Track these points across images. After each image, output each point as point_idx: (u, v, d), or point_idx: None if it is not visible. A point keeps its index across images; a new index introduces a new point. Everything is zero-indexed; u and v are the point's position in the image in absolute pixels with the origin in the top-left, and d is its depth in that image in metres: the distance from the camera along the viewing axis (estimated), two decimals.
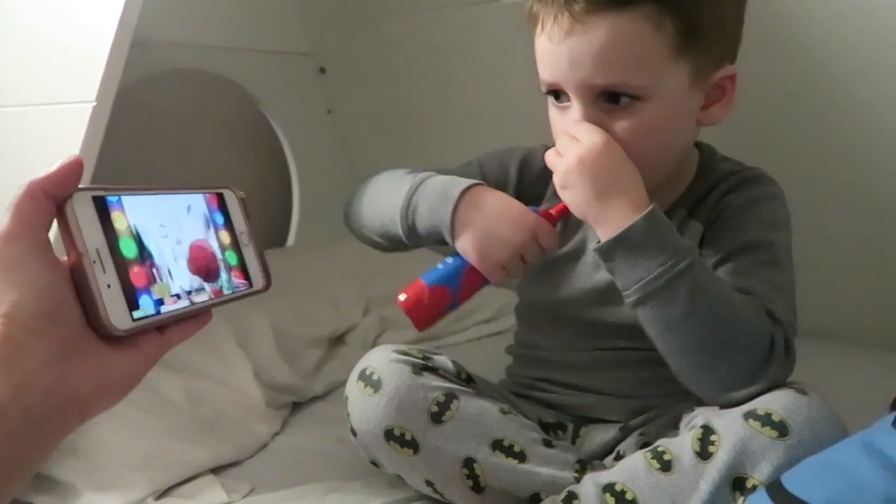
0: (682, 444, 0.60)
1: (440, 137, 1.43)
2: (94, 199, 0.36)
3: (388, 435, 0.67)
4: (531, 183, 0.78)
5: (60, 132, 0.76)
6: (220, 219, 0.44)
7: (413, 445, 0.66)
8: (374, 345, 1.18)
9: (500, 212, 0.67)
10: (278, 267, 1.28)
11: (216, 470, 0.82)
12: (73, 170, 0.36)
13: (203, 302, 0.41)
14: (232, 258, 0.44)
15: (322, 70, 1.51)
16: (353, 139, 1.57)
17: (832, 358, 0.92)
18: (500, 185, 0.75)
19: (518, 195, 0.71)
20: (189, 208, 0.42)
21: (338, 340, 1.16)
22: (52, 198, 0.35)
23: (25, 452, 0.34)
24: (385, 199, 0.73)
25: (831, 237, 1.07)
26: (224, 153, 1.52)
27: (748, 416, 0.58)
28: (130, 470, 0.76)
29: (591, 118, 0.65)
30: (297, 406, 1.00)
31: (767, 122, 1.06)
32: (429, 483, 0.69)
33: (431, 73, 1.37)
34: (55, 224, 0.36)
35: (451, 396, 0.68)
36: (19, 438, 0.33)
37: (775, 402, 0.58)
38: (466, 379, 0.73)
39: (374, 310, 1.22)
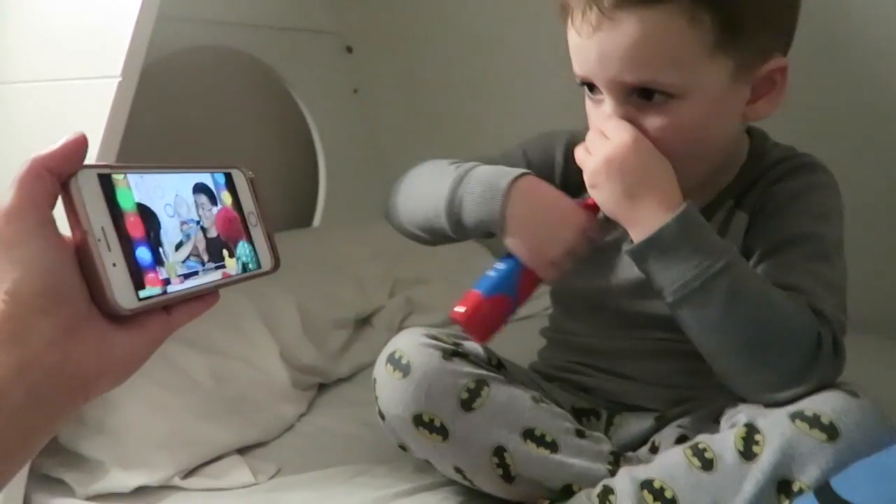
0: (724, 443, 0.58)
1: (467, 117, 1.41)
2: (100, 176, 0.36)
3: (417, 420, 0.65)
4: (574, 171, 0.76)
5: (86, 107, 0.75)
6: (228, 198, 0.44)
7: (442, 432, 0.65)
8: (400, 327, 1.17)
9: (550, 207, 0.65)
10: (304, 247, 1.28)
11: (242, 450, 0.82)
12: (77, 147, 0.35)
13: (210, 282, 0.41)
14: (240, 238, 0.44)
15: (349, 49, 1.49)
16: (379, 119, 1.55)
17: (881, 353, 0.88)
18: (547, 172, 0.73)
19: (565, 180, 0.69)
20: (196, 187, 0.42)
21: (363, 322, 1.15)
22: (55, 175, 0.35)
23: (28, 431, 0.34)
24: (428, 192, 0.71)
25: (882, 228, 1.02)
26: (250, 132, 1.51)
27: (795, 416, 0.55)
28: (157, 448, 0.76)
29: (622, 115, 0.62)
30: (322, 388, 0.99)
31: (821, 109, 1.01)
32: (458, 470, 0.67)
33: (458, 53, 1.35)
34: (60, 202, 0.36)
35: (481, 383, 0.66)
36: (21, 417, 0.33)
37: (825, 404, 0.55)
38: (497, 365, 0.71)
39: (400, 292, 1.21)
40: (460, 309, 0.64)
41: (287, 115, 1.47)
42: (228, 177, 0.44)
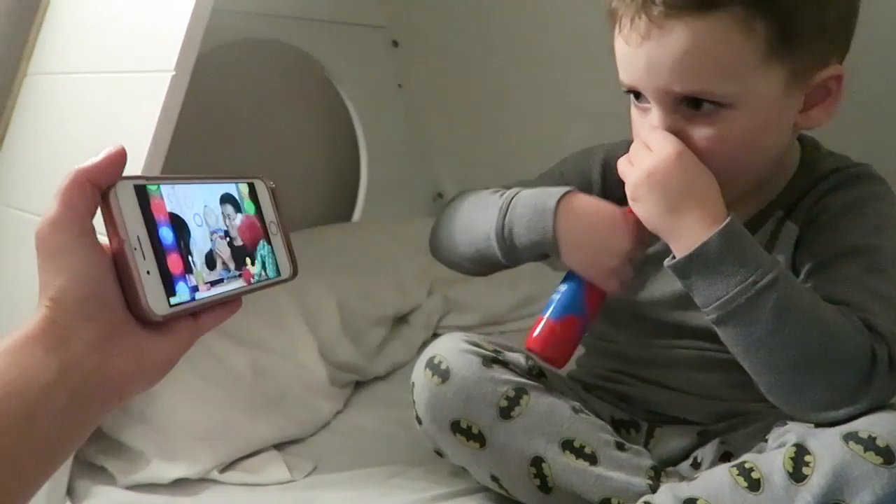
0: (772, 463, 0.56)
1: (510, 114, 1.40)
2: (136, 187, 0.38)
3: (455, 427, 0.65)
4: (616, 182, 0.73)
5: (138, 101, 0.76)
6: (251, 208, 0.45)
7: (480, 439, 0.65)
8: (437, 326, 1.16)
9: (600, 218, 0.65)
10: (345, 242, 1.29)
11: (279, 446, 0.82)
12: (117, 159, 0.37)
13: (234, 289, 0.42)
14: (262, 246, 0.45)
15: (395, 43, 1.48)
16: (422, 114, 1.54)
17: None
18: (585, 191, 0.72)
19: (604, 197, 0.68)
20: (222, 197, 0.44)
21: (401, 320, 1.15)
22: (96, 186, 0.36)
23: (68, 432, 0.35)
24: (475, 223, 0.71)
25: None
26: (293, 125, 1.52)
27: (848, 437, 0.53)
28: (197, 441, 0.77)
29: (669, 124, 0.60)
30: (358, 385, 1.00)
31: (876, 117, 0.97)
32: (494, 478, 0.67)
33: (504, 51, 1.33)
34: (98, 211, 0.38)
35: (520, 391, 0.66)
36: (63, 419, 0.34)
37: (880, 425, 0.53)
38: (537, 374, 0.71)
39: (438, 290, 1.21)
40: (535, 336, 0.64)
41: (331, 108, 1.48)
42: (252, 187, 0.46)
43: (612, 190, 0.72)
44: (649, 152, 0.60)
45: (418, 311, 1.16)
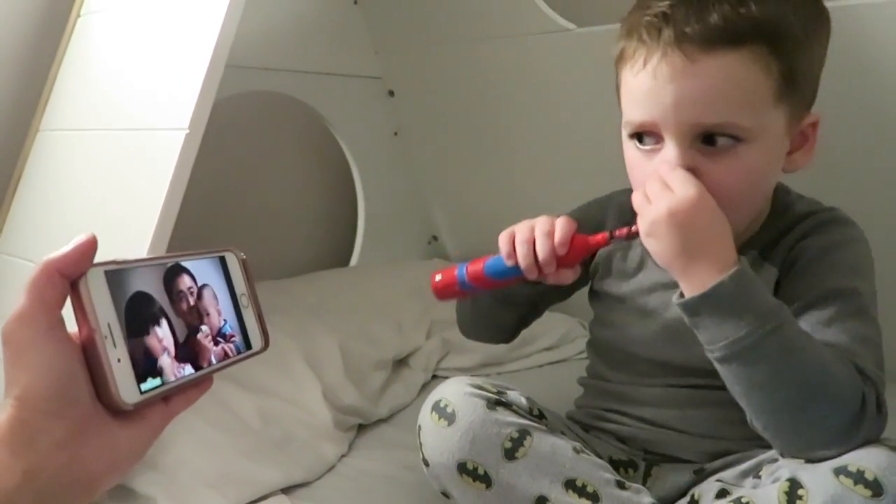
0: (766, 497, 0.58)
1: (503, 161, 1.43)
2: (106, 273, 0.37)
3: (462, 468, 0.67)
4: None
5: (154, 157, 0.78)
6: (222, 282, 0.45)
7: (486, 480, 0.66)
8: (436, 368, 1.18)
9: None
10: (344, 286, 1.31)
11: (286, 490, 0.83)
12: (87, 249, 0.36)
13: (205, 369, 0.42)
14: (233, 321, 0.45)
15: (391, 93, 1.53)
16: (417, 161, 1.58)
17: None
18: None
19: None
20: (192, 275, 0.43)
21: (401, 363, 1.16)
22: (66, 277, 0.36)
23: None
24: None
25: None
26: (293, 172, 1.55)
27: (839, 472, 0.56)
28: (206, 486, 0.78)
29: (686, 160, 0.62)
30: (361, 428, 1.01)
31: (840, 162, 1.02)
32: None
33: (496, 97, 1.37)
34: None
35: (524, 433, 0.67)
36: None
37: (868, 460, 0.56)
38: (538, 415, 0.73)
39: (436, 332, 1.23)
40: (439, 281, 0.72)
41: (329, 155, 1.52)
42: (222, 260, 0.45)
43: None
44: (669, 192, 0.61)
45: (418, 353, 1.18)
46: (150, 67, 0.87)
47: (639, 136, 0.66)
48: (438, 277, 0.71)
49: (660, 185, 0.62)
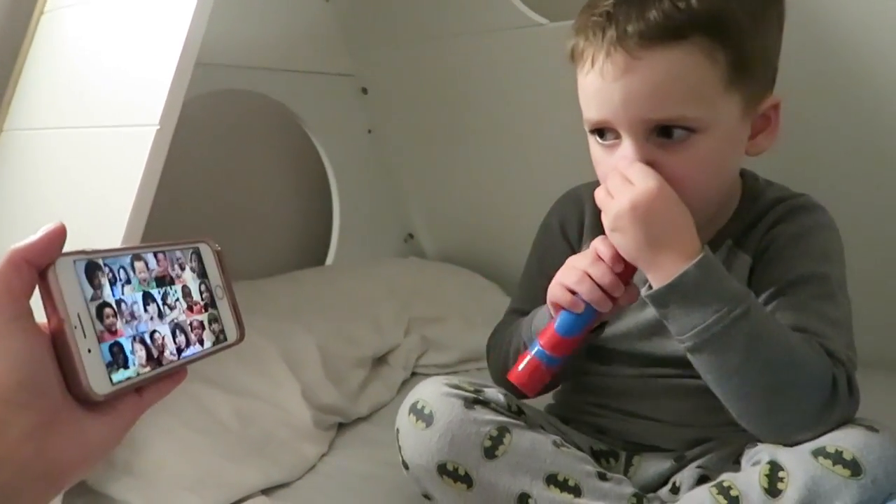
0: (748, 480, 0.59)
1: (477, 158, 1.44)
2: (76, 262, 0.36)
3: (441, 469, 0.66)
4: (594, 226, 0.78)
5: (124, 154, 0.77)
6: (196, 273, 0.44)
7: (467, 480, 0.66)
8: (416, 365, 1.18)
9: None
10: (320, 286, 1.30)
11: (266, 491, 0.82)
12: (57, 237, 0.36)
13: (179, 360, 0.41)
14: (207, 312, 0.44)
15: (364, 90, 1.52)
16: (392, 158, 1.58)
17: (889, 389, 0.90)
18: (573, 233, 0.80)
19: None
20: (167, 265, 0.43)
21: (380, 361, 1.16)
22: (34, 265, 0.35)
23: None
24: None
25: (881, 262, 1.05)
26: (267, 171, 1.54)
27: (818, 453, 0.57)
28: (184, 490, 0.76)
29: (644, 155, 0.63)
30: (341, 427, 1.00)
31: (809, 146, 1.04)
32: None
33: (469, 94, 1.37)
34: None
35: (503, 430, 0.67)
36: None
37: (846, 440, 0.57)
38: (517, 411, 0.72)
39: (415, 330, 1.22)
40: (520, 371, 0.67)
41: (303, 154, 1.50)
42: (196, 251, 0.45)
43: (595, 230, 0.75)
44: (630, 185, 0.62)
45: (397, 350, 1.17)
46: (119, 63, 0.85)
47: (599, 131, 0.67)
48: (521, 368, 0.66)
49: (620, 180, 0.63)
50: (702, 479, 0.68)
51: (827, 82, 1.00)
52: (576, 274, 0.65)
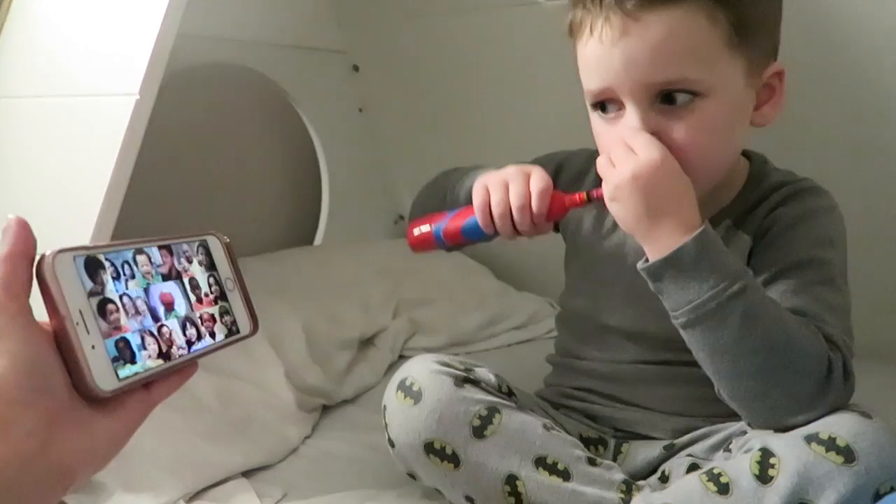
0: (739, 467, 0.58)
1: (471, 137, 1.42)
2: (75, 258, 0.36)
3: (429, 448, 0.65)
4: (566, 184, 0.78)
5: (103, 124, 0.74)
6: (204, 266, 0.44)
7: (454, 459, 0.65)
8: (403, 348, 1.16)
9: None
10: (308, 266, 1.28)
11: (247, 474, 0.80)
12: (23, 228, 0.35)
13: (188, 354, 0.40)
14: (218, 305, 0.44)
15: (355, 68, 1.50)
16: (383, 138, 1.55)
17: (885, 379, 0.89)
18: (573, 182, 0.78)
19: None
20: (172, 259, 0.42)
21: (367, 343, 1.14)
22: (26, 259, 0.35)
23: None
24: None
25: (884, 251, 1.03)
26: (255, 148, 1.51)
27: (810, 439, 0.55)
28: (162, 471, 0.74)
29: (648, 123, 0.62)
30: (326, 409, 0.98)
31: (816, 129, 1.02)
32: (468, 498, 0.67)
33: (464, 73, 1.35)
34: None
35: (493, 410, 0.66)
36: None
37: (839, 426, 0.55)
38: (507, 392, 0.71)
39: (403, 312, 1.20)
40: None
41: (292, 132, 1.48)
42: (204, 244, 0.44)
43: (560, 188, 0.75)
44: (633, 155, 0.61)
45: (384, 333, 1.15)
46: (99, 31, 0.83)
47: (602, 105, 0.66)
48: (417, 232, 0.72)
49: (623, 149, 0.62)
50: (692, 468, 0.67)
51: (827, 79, 0.98)
52: (502, 206, 0.66)
